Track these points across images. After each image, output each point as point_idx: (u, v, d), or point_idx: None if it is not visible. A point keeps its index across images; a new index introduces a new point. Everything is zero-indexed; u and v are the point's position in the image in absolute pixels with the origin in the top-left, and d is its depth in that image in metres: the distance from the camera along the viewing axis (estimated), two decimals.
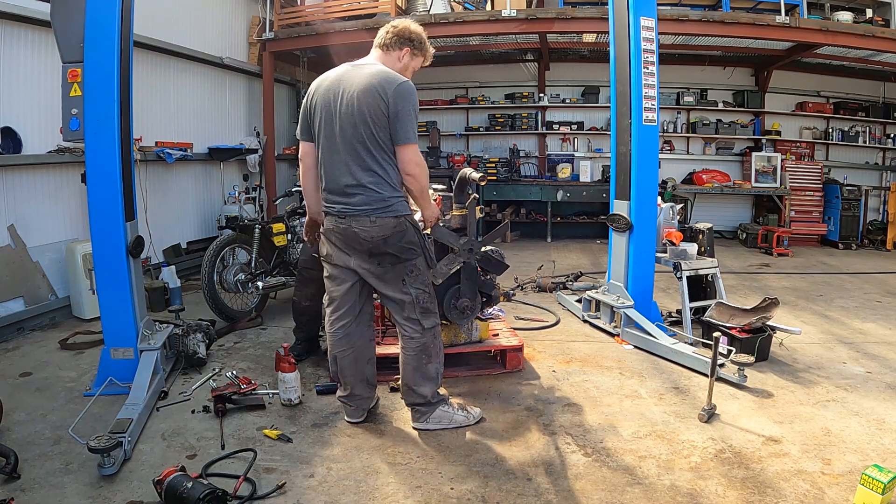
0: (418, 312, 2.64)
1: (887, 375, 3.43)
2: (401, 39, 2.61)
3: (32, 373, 3.43)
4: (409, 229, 2.55)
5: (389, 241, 2.51)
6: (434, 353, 2.71)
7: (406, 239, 2.55)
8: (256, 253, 4.49)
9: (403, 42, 2.62)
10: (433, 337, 2.70)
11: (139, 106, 3.93)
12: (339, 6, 7.38)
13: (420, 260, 2.62)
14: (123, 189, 3.13)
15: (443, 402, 2.77)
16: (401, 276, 2.60)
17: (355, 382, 2.75)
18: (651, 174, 4.02)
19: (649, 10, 3.89)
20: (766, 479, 2.31)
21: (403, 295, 2.62)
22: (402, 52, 2.63)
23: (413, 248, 2.58)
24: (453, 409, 2.78)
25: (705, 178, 8.49)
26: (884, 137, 9.05)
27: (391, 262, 2.58)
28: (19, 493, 2.19)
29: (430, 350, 2.69)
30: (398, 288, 2.61)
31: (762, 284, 5.83)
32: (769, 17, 6.72)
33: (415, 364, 2.69)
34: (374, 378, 2.84)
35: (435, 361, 2.72)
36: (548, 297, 5.30)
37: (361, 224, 2.49)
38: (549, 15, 6.91)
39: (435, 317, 2.71)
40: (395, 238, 2.52)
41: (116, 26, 3.02)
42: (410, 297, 2.62)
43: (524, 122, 9.16)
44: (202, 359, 3.50)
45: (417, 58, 2.68)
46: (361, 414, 2.82)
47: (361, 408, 2.81)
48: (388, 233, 2.50)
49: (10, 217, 4.22)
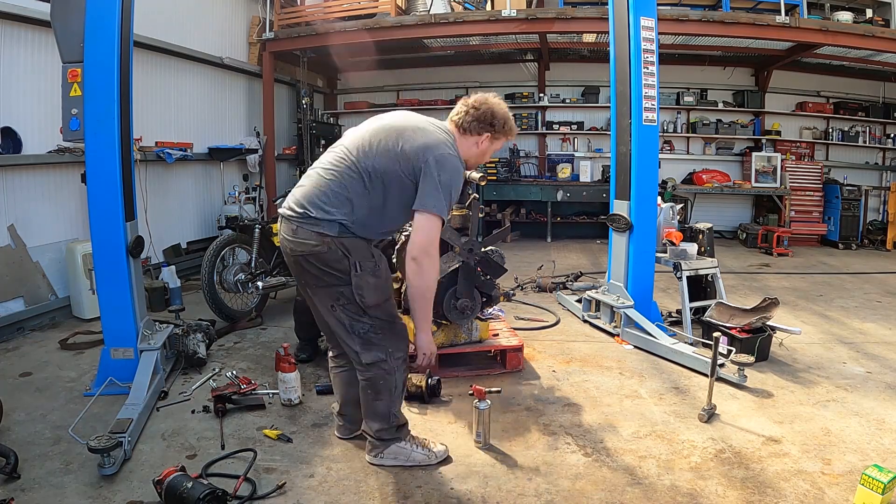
0: (357, 344, 2.27)
1: (887, 375, 3.43)
2: (482, 125, 2.31)
3: (32, 373, 3.43)
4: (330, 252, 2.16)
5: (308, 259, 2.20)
6: (383, 390, 2.33)
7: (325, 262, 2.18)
8: (256, 253, 4.49)
9: (484, 127, 2.31)
10: (383, 372, 2.30)
11: (139, 106, 3.93)
12: (339, 6, 7.39)
13: (345, 289, 2.21)
14: (123, 189, 3.13)
15: (398, 439, 2.42)
16: (329, 299, 2.25)
17: (344, 402, 2.61)
18: (651, 174, 4.02)
19: (649, 10, 3.89)
20: (766, 479, 2.31)
21: (335, 321, 2.27)
22: (483, 137, 2.33)
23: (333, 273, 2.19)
24: (412, 446, 2.44)
25: (705, 178, 8.48)
26: (884, 137, 9.05)
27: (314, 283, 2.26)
28: (19, 493, 2.19)
29: (379, 387, 2.32)
30: (329, 311, 2.27)
31: (762, 284, 5.83)
32: (769, 17, 6.73)
33: (363, 398, 2.40)
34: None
35: (385, 399, 2.35)
36: (548, 297, 5.30)
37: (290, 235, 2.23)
38: (549, 15, 6.91)
39: (380, 351, 2.28)
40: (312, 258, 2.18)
41: (116, 26, 3.02)
42: (343, 326, 2.26)
43: (524, 122, 9.14)
44: (202, 359, 3.50)
45: (499, 140, 2.37)
46: (348, 433, 2.65)
47: (348, 428, 2.65)
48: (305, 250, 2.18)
49: (10, 217, 4.23)
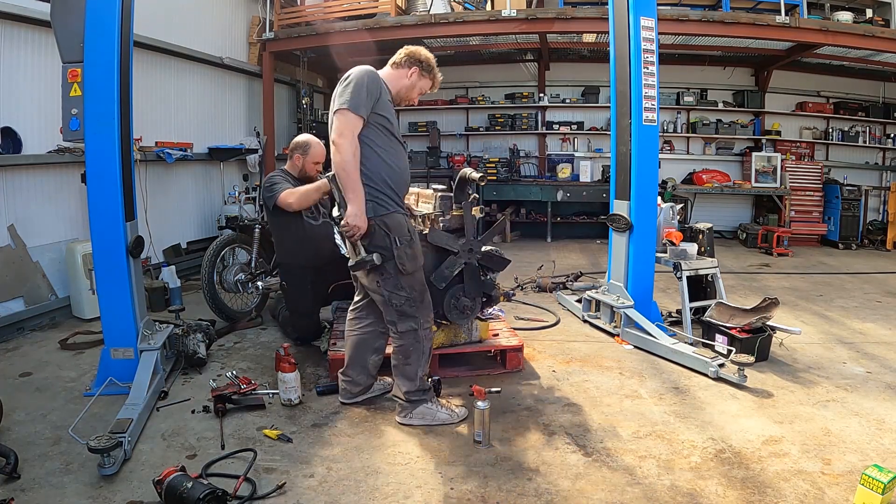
0: (394, 314, 2.71)
1: (887, 375, 3.43)
2: (411, 59, 2.78)
3: (32, 373, 3.43)
4: (377, 232, 2.59)
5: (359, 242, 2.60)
6: (413, 355, 2.75)
7: (373, 243, 2.60)
8: (256, 253, 4.49)
9: (413, 62, 2.77)
10: (413, 340, 2.73)
11: (139, 106, 3.93)
12: (339, 6, 7.39)
13: (390, 264, 2.62)
14: (123, 189, 3.13)
15: (425, 401, 2.80)
16: (375, 275, 2.67)
17: (353, 364, 2.93)
18: (651, 174, 4.02)
19: (649, 10, 3.89)
20: (766, 479, 2.31)
21: (379, 294, 2.70)
22: (411, 71, 2.78)
23: (380, 252, 2.60)
24: (437, 406, 2.82)
25: (705, 178, 8.49)
26: (884, 137, 9.06)
27: None
28: (19, 493, 2.19)
29: (409, 352, 2.74)
30: (374, 285, 2.69)
31: (762, 284, 5.83)
32: (769, 17, 6.73)
33: (394, 362, 2.81)
34: (374, 370, 2.97)
35: (413, 364, 2.75)
36: (548, 297, 5.30)
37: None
38: (549, 15, 6.91)
39: (412, 321, 2.71)
40: (363, 240, 2.60)
41: (116, 26, 3.02)
42: (384, 298, 2.68)
43: (524, 122, 9.16)
44: (202, 359, 3.50)
45: (425, 79, 2.81)
46: (349, 397, 2.97)
47: (351, 392, 2.96)
48: None
49: (10, 217, 4.22)
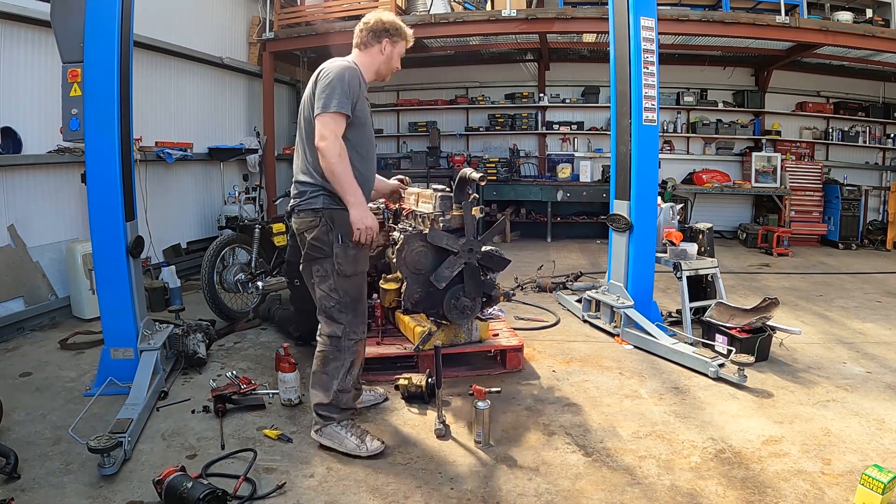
0: (321, 315, 2.51)
1: (887, 375, 3.43)
2: (376, 33, 2.55)
3: (32, 373, 3.43)
4: (320, 226, 2.41)
5: (305, 235, 2.47)
6: (331, 364, 2.46)
7: (313, 235, 2.42)
8: (256, 253, 4.50)
9: (380, 34, 2.55)
10: (334, 348, 2.46)
11: (139, 106, 3.93)
12: (339, 6, 7.39)
13: (328, 262, 2.43)
14: (123, 189, 3.13)
15: (333, 422, 2.50)
16: (313, 269, 2.51)
17: None
18: (651, 174, 4.02)
19: (649, 10, 3.89)
20: (765, 479, 2.31)
21: (315, 290, 2.54)
22: (383, 45, 2.56)
23: (319, 246, 2.42)
24: (347, 432, 2.49)
25: (705, 178, 8.49)
26: (884, 137, 9.06)
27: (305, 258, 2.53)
28: (19, 493, 2.19)
29: (327, 360, 2.48)
30: (314, 280, 2.53)
31: (762, 284, 5.83)
32: (769, 17, 6.73)
33: (313, 367, 2.55)
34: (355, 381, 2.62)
35: (330, 374, 2.46)
36: (548, 297, 5.30)
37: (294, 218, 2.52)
38: (549, 15, 6.91)
39: (336, 327, 2.45)
40: (308, 233, 2.44)
41: (116, 26, 3.02)
42: (316, 296, 2.52)
43: (524, 122, 9.16)
44: (202, 359, 3.50)
45: (399, 43, 2.60)
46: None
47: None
48: (305, 227, 2.46)
49: (10, 217, 4.23)
